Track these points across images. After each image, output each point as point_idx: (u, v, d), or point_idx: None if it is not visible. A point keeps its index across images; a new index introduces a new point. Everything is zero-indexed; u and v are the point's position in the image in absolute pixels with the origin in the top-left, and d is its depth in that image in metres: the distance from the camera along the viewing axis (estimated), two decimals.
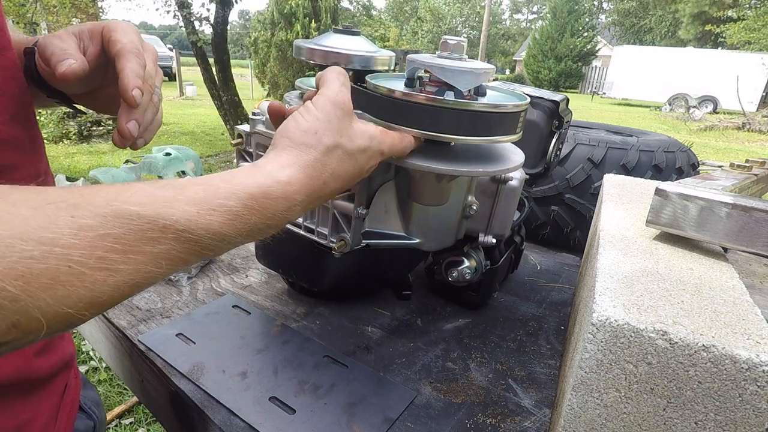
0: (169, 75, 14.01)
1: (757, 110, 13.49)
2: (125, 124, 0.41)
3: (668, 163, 0.96)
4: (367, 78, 0.52)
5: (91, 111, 0.53)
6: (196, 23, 5.41)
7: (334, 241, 0.59)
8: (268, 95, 9.34)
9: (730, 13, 15.31)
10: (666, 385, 0.35)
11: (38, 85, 0.46)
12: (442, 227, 0.64)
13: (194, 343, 0.61)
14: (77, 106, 0.52)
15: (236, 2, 5.35)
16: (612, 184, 0.73)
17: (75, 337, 1.96)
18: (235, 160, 0.67)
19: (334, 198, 0.58)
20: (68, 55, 0.41)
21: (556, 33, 21.10)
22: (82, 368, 1.83)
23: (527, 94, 0.60)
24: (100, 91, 0.50)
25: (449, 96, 0.47)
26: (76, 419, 0.55)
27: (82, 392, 0.60)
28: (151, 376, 0.59)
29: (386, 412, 0.52)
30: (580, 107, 13.49)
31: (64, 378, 0.53)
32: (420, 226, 0.62)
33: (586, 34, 21.56)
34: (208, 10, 5.42)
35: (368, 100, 0.50)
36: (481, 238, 0.67)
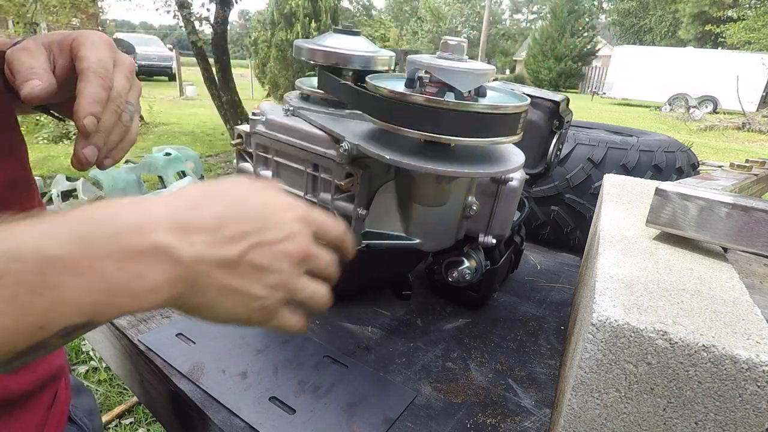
0: (169, 75, 14.00)
1: (757, 110, 13.47)
2: (81, 149, 0.39)
3: (668, 163, 0.96)
4: (367, 78, 0.52)
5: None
6: (196, 23, 5.40)
7: None
8: (268, 95, 9.34)
9: (730, 13, 15.31)
10: (666, 385, 0.35)
11: (11, 92, 0.44)
12: (442, 228, 0.64)
13: (194, 343, 0.61)
14: (54, 113, 0.50)
15: (236, 2, 5.34)
16: (612, 184, 0.73)
17: None
18: (234, 160, 0.67)
19: (335, 199, 0.58)
20: (33, 74, 0.39)
21: (556, 33, 21.08)
22: (82, 368, 1.82)
23: (527, 94, 0.60)
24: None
25: (450, 97, 0.47)
26: None
27: (75, 401, 0.59)
28: (151, 376, 0.59)
29: (386, 412, 0.52)
30: (580, 107, 13.48)
31: (51, 391, 0.52)
32: (420, 226, 0.62)
33: (586, 34, 21.53)
34: (208, 10, 5.41)
35: (368, 101, 0.50)
36: (481, 238, 0.67)
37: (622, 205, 0.62)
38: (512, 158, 0.54)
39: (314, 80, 0.65)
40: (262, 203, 0.35)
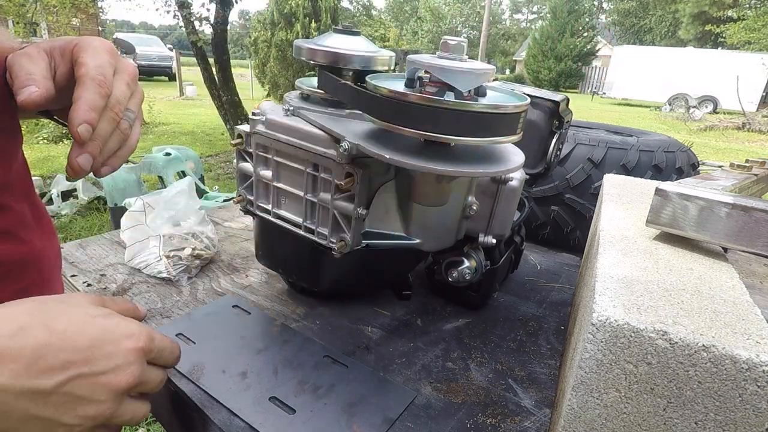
0: (169, 75, 14.02)
1: (757, 110, 13.49)
2: (75, 158, 0.38)
3: (668, 163, 0.96)
4: (367, 78, 0.52)
5: None
6: (196, 23, 5.40)
7: (334, 241, 0.59)
8: (268, 95, 9.34)
9: (730, 13, 15.33)
10: (666, 385, 0.35)
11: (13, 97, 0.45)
12: (442, 227, 0.64)
13: (194, 343, 0.61)
14: (57, 118, 0.50)
15: (236, 2, 5.35)
16: (612, 184, 0.73)
17: None
18: (234, 160, 0.67)
19: (334, 199, 0.58)
20: (31, 81, 0.39)
21: (556, 33, 21.09)
22: None
23: (527, 94, 0.60)
24: None
25: (449, 97, 0.47)
26: None
27: None
28: None
29: (386, 412, 0.52)
30: (580, 107, 13.49)
31: None
32: (420, 226, 0.62)
33: (586, 34, 21.54)
34: (208, 10, 5.42)
35: (368, 101, 0.50)
36: (481, 238, 0.67)
37: (622, 205, 0.62)
38: (512, 158, 0.54)
39: (314, 80, 0.65)
40: (99, 331, 0.36)
